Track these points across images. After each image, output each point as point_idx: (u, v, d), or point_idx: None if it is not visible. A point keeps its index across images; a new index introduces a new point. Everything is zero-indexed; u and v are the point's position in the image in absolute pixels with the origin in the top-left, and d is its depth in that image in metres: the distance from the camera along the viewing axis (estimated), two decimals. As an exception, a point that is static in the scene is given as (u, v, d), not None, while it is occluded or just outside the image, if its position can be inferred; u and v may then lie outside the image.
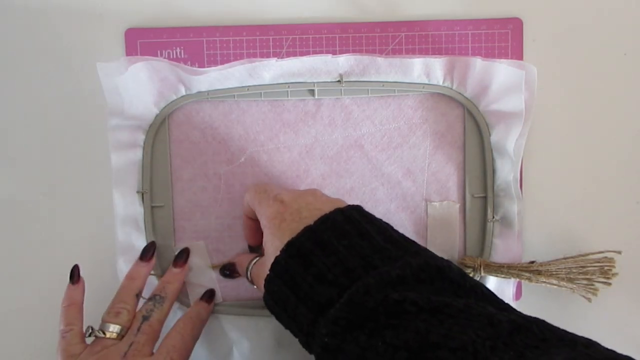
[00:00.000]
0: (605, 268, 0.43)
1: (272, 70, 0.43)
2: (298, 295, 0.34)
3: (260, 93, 0.45)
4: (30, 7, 0.46)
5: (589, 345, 0.29)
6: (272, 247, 0.37)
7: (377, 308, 0.31)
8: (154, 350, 0.40)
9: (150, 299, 0.42)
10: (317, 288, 0.33)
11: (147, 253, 0.44)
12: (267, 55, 0.45)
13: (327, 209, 0.37)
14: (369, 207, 0.46)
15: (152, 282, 0.45)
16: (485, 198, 0.46)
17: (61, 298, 0.47)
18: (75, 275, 0.43)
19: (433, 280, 0.34)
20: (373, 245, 0.35)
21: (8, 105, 0.46)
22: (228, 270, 0.45)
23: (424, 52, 0.45)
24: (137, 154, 0.45)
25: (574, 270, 0.44)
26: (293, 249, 0.35)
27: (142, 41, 0.45)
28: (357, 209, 0.38)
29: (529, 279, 0.44)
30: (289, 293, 0.35)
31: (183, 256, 0.45)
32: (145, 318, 0.41)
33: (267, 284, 0.36)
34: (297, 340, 0.46)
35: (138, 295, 0.42)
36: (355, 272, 0.33)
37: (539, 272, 0.44)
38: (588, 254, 0.44)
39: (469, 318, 0.31)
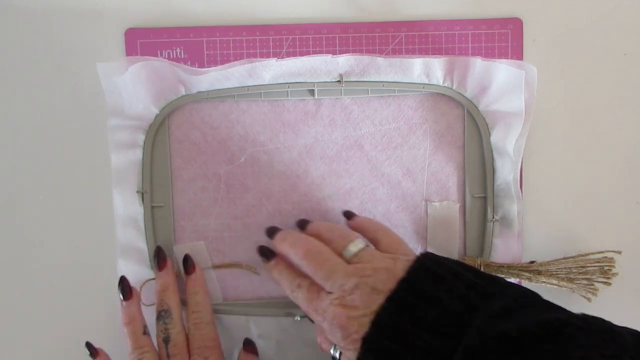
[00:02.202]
0: (605, 268, 0.43)
1: (272, 70, 0.43)
2: (414, 352, 0.33)
3: (260, 93, 0.45)
4: (30, 7, 0.46)
5: None
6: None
7: (497, 348, 0.30)
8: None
9: (157, 318, 0.42)
10: (434, 343, 0.32)
11: (126, 290, 0.42)
12: (267, 55, 0.45)
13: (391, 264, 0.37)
14: (369, 207, 0.46)
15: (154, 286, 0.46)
16: (485, 198, 0.46)
17: (61, 297, 0.47)
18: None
19: (534, 303, 0.34)
20: (467, 284, 0.34)
21: (8, 105, 0.46)
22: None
23: (424, 52, 0.45)
24: (137, 154, 0.45)
25: (574, 270, 0.44)
26: (394, 304, 0.34)
27: (142, 41, 0.45)
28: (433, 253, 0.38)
29: (529, 279, 0.44)
30: (402, 351, 0.33)
31: (161, 256, 0.44)
32: (165, 340, 0.41)
33: (367, 343, 0.34)
34: (297, 340, 0.46)
35: (146, 332, 0.42)
36: (462, 317, 0.33)
37: (539, 272, 0.44)
38: (588, 254, 0.44)
39: (589, 336, 0.30)
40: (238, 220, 0.46)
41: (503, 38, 0.45)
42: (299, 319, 0.46)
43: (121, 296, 0.42)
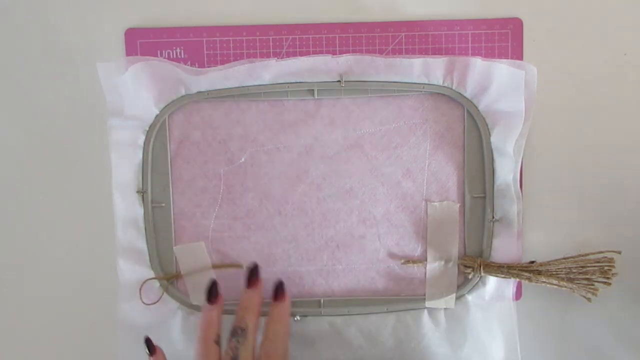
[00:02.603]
0: (605, 268, 0.43)
1: (272, 70, 0.43)
2: None
3: (260, 93, 0.45)
4: (30, 7, 0.46)
5: None
6: None
7: None
8: None
9: (232, 334, 0.40)
10: None
11: (213, 294, 0.41)
12: (267, 55, 0.45)
13: None
14: (369, 207, 0.46)
15: (154, 286, 0.46)
16: (485, 198, 0.46)
17: (62, 297, 0.47)
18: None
19: None
20: None
21: (8, 105, 0.46)
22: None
23: (424, 52, 0.45)
24: (137, 154, 0.45)
25: (574, 270, 0.44)
26: None
27: (142, 41, 0.45)
28: None
29: (529, 279, 0.44)
30: None
31: (254, 275, 0.42)
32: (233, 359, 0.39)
33: None
34: (297, 340, 0.47)
35: (218, 341, 0.40)
36: None
37: (539, 272, 0.44)
38: (588, 254, 0.44)
39: None
40: (238, 220, 0.46)
41: (503, 38, 0.45)
42: (298, 318, 0.46)
43: (207, 298, 0.41)
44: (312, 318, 0.46)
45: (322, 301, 0.46)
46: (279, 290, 0.42)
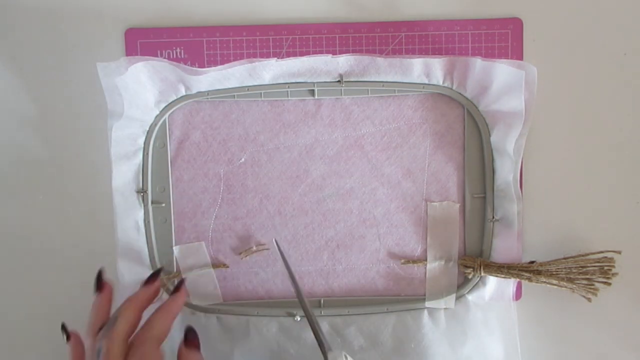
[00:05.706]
0: (605, 268, 0.43)
1: (272, 70, 0.43)
2: None
3: (260, 93, 0.45)
4: (30, 7, 0.46)
5: None
6: None
7: None
8: None
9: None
10: None
11: (99, 283, 0.40)
12: (267, 55, 0.45)
13: None
14: (369, 208, 0.46)
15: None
16: (485, 198, 0.46)
17: (62, 297, 0.47)
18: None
19: None
20: None
21: (8, 105, 0.46)
22: None
23: (424, 52, 0.45)
24: (137, 154, 0.45)
25: (574, 270, 0.44)
26: None
27: (142, 41, 0.45)
28: None
29: (529, 279, 0.44)
30: None
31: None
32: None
33: None
34: (297, 340, 0.47)
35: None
36: None
37: (539, 272, 0.44)
38: (588, 254, 0.44)
39: None
40: (238, 220, 0.46)
41: (503, 38, 0.45)
42: (299, 319, 0.46)
43: (95, 288, 0.39)
44: (312, 318, 0.46)
45: (322, 301, 0.46)
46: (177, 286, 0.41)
